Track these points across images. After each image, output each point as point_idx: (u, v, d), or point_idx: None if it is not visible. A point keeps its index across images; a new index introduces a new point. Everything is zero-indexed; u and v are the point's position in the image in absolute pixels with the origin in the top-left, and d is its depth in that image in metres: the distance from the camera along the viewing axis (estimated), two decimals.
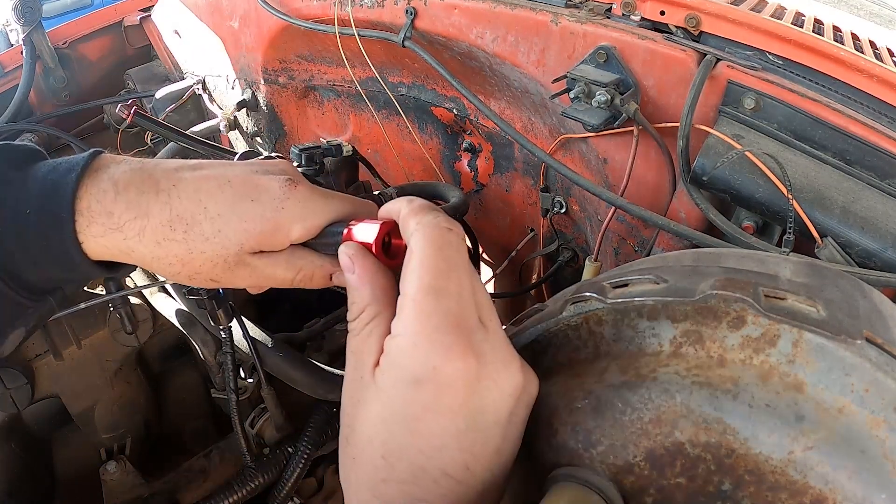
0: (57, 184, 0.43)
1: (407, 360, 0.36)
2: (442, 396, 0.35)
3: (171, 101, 1.50)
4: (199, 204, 0.44)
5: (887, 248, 0.62)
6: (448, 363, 0.34)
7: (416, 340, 0.35)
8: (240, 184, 0.45)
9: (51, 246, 0.43)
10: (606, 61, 0.79)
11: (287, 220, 0.45)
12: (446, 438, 0.35)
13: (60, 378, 1.02)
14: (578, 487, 0.37)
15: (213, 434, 1.22)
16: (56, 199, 0.43)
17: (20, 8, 1.35)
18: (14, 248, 0.43)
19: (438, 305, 0.36)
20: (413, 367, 0.35)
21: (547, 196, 1.08)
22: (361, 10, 1.06)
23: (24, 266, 0.44)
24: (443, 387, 0.35)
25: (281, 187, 0.45)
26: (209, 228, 0.44)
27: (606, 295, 0.40)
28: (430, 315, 0.35)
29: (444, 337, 0.35)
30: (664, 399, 0.36)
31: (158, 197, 0.44)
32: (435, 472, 0.35)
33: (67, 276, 0.46)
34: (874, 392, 0.33)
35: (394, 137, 1.30)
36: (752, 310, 0.35)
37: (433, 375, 0.35)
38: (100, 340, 1.04)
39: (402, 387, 0.36)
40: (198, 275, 0.47)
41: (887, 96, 0.68)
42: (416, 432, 0.35)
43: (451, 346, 0.35)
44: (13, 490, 1.00)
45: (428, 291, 0.36)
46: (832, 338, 0.34)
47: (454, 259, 0.38)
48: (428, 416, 0.35)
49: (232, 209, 0.44)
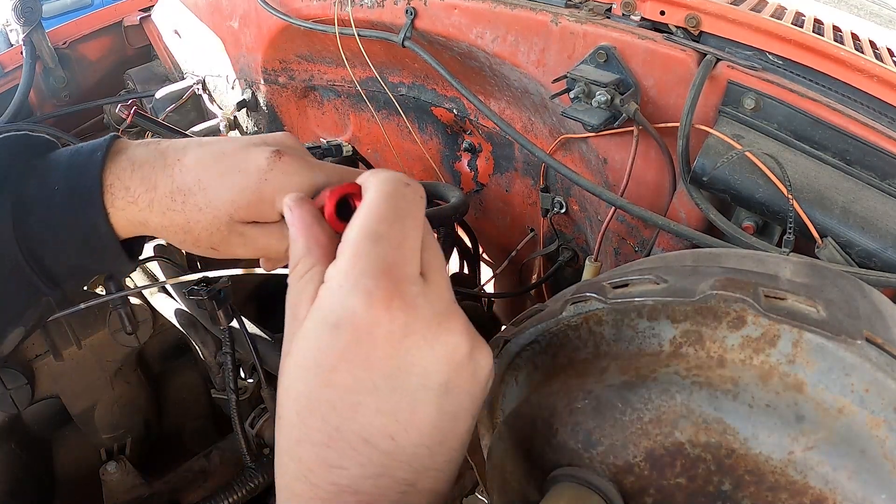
0: (83, 164, 0.46)
1: (328, 303, 0.33)
2: (358, 344, 0.32)
3: (171, 101, 1.50)
4: (195, 176, 0.46)
5: (887, 248, 0.62)
6: (368, 308, 0.32)
7: (341, 282, 0.33)
8: (231, 156, 0.47)
9: (80, 222, 0.46)
10: (606, 61, 0.79)
11: (270, 190, 0.45)
12: (361, 395, 0.32)
13: (60, 378, 1.02)
14: (578, 487, 0.37)
15: (213, 434, 1.22)
16: (85, 177, 0.46)
17: (20, 8, 1.35)
18: (42, 229, 0.46)
19: (373, 249, 0.33)
20: (333, 309, 0.33)
21: (547, 196, 1.08)
22: (361, 10, 1.06)
23: (49, 248, 0.46)
24: (360, 333, 0.32)
25: (267, 159, 0.46)
26: (202, 199, 0.46)
27: (606, 295, 0.40)
28: (361, 257, 0.33)
29: (369, 280, 0.32)
30: (664, 399, 0.36)
31: (164, 171, 0.46)
32: (351, 437, 0.32)
33: (89, 258, 0.48)
34: (874, 392, 0.33)
35: (394, 137, 1.30)
36: (752, 310, 0.35)
37: (351, 319, 0.32)
38: (100, 340, 1.04)
39: (319, 330, 0.33)
40: (199, 242, 0.48)
41: (887, 96, 0.68)
42: (329, 383, 0.32)
43: (374, 291, 0.32)
44: (13, 490, 1.00)
45: (366, 235, 0.34)
46: (832, 338, 0.34)
47: (403, 209, 0.36)
48: (342, 364, 0.32)
49: (221, 181, 0.46)
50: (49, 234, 0.46)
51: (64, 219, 0.46)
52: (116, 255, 0.49)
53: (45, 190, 0.46)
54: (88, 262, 0.49)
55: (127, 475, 0.99)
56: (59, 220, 0.46)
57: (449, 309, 0.34)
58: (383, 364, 0.32)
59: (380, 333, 0.32)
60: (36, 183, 0.46)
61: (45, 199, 0.46)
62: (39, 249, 0.46)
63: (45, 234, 0.46)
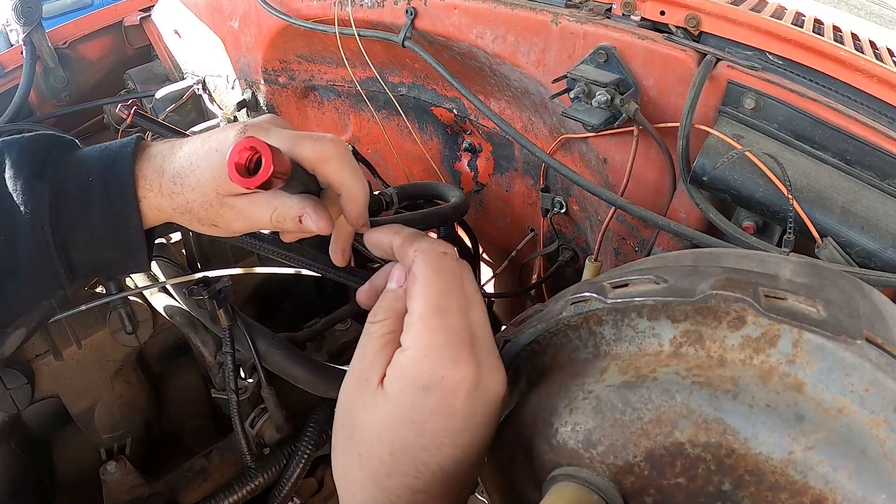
0: (115, 156, 0.52)
1: (417, 370, 0.40)
2: (447, 401, 0.40)
3: (171, 101, 1.50)
4: (187, 159, 0.52)
5: (887, 248, 0.62)
6: (454, 373, 0.40)
7: (425, 353, 0.40)
8: (213, 138, 0.52)
9: (113, 211, 0.51)
10: (606, 61, 0.79)
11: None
12: (446, 437, 0.40)
13: (60, 378, 1.02)
14: (578, 487, 0.37)
15: (213, 434, 1.21)
16: (117, 168, 0.51)
17: (20, 8, 1.35)
18: (78, 215, 0.51)
19: (443, 322, 0.41)
20: (423, 376, 0.40)
21: (547, 196, 1.08)
22: (361, 11, 1.06)
23: (80, 238, 0.51)
24: (448, 393, 0.40)
25: (235, 135, 0.50)
26: (193, 179, 0.51)
27: (606, 295, 0.40)
28: (436, 331, 0.41)
29: (450, 351, 0.40)
30: (664, 399, 0.36)
31: (169, 159, 0.52)
32: (434, 467, 0.41)
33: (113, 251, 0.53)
34: (874, 392, 0.33)
35: (394, 137, 1.30)
36: (753, 310, 0.35)
37: (441, 383, 0.40)
38: (100, 340, 1.03)
39: (411, 392, 0.40)
40: (201, 220, 0.53)
41: (887, 96, 0.68)
42: (422, 432, 0.40)
43: (457, 359, 0.40)
44: (13, 490, 1.00)
45: (434, 310, 0.41)
46: (832, 338, 0.34)
47: (452, 281, 0.43)
48: (433, 418, 0.40)
49: (205, 160, 0.51)
50: (82, 222, 0.51)
51: (98, 209, 0.51)
52: (140, 247, 0.53)
53: (80, 181, 0.51)
54: (112, 256, 0.53)
55: (127, 475, 0.99)
56: (93, 210, 0.51)
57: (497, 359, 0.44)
58: (463, 412, 0.41)
59: (461, 391, 0.40)
60: (73, 174, 0.51)
61: (81, 190, 0.51)
62: (70, 237, 0.51)
63: (78, 223, 0.51)
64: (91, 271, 0.55)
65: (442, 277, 0.43)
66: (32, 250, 0.50)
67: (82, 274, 0.54)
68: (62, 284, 0.52)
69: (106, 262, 0.54)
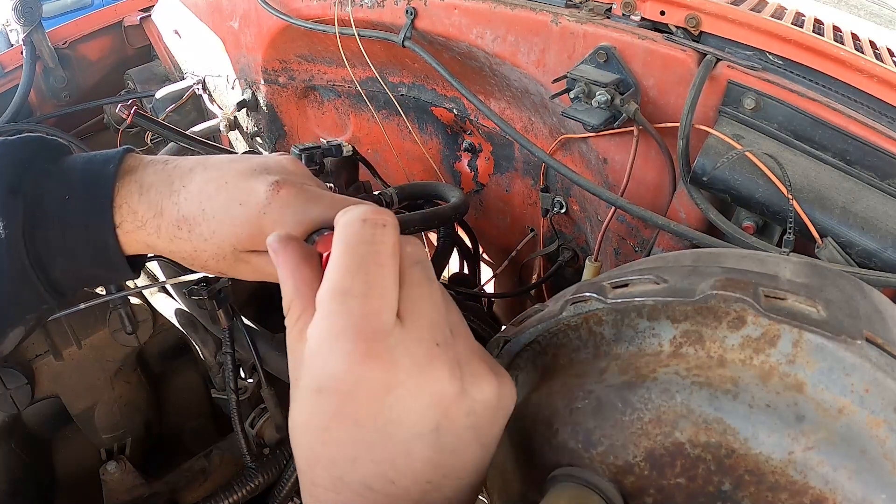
0: (97, 175, 0.47)
1: (311, 367, 0.34)
2: (344, 406, 0.32)
3: (171, 101, 1.50)
4: (199, 206, 0.47)
5: (887, 248, 0.62)
6: (345, 372, 0.32)
7: (318, 347, 0.33)
8: (234, 186, 0.47)
9: (90, 232, 0.47)
10: (606, 61, 0.79)
11: (269, 224, 0.46)
12: (357, 450, 0.33)
13: (60, 378, 1.02)
14: (578, 487, 0.37)
15: (213, 434, 1.22)
16: (97, 188, 0.47)
17: (20, 8, 1.35)
18: (55, 234, 0.46)
19: (342, 308, 0.33)
20: (316, 375, 0.33)
21: (547, 196, 1.08)
22: (361, 11, 1.06)
23: (57, 257, 0.47)
24: (344, 396, 0.32)
25: (265, 191, 0.46)
26: (206, 229, 0.47)
27: (606, 295, 0.40)
28: (332, 318, 0.33)
29: (343, 343, 0.32)
30: (664, 399, 0.36)
31: (170, 197, 0.47)
32: (355, 485, 0.33)
33: (96, 269, 0.49)
34: (874, 392, 0.33)
35: (394, 137, 1.30)
36: (753, 310, 0.35)
37: (333, 384, 0.32)
38: (100, 340, 1.04)
39: (307, 394, 0.34)
40: (207, 268, 0.49)
41: (887, 96, 0.68)
42: (325, 442, 0.33)
43: (350, 353, 0.32)
44: (14, 490, 1.00)
45: (333, 293, 0.34)
46: (832, 338, 0.34)
47: (366, 255, 0.35)
48: (333, 426, 0.33)
49: (224, 212, 0.46)
50: (58, 242, 0.47)
51: (74, 230, 0.47)
52: (122, 270, 0.49)
53: (58, 198, 0.46)
54: (95, 273, 0.50)
55: (127, 475, 0.99)
56: (69, 231, 0.47)
57: (429, 353, 0.34)
58: (371, 421, 0.32)
59: (362, 393, 0.32)
60: (50, 189, 0.47)
61: (58, 209, 0.46)
62: (47, 257, 0.47)
63: (54, 243, 0.47)
64: (75, 287, 0.51)
65: (350, 252, 0.35)
66: (10, 268, 0.46)
67: (67, 289, 0.50)
68: (45, 301, 0.48)
69: (89, 278, 0.51)
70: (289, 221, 0.45)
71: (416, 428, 0.33)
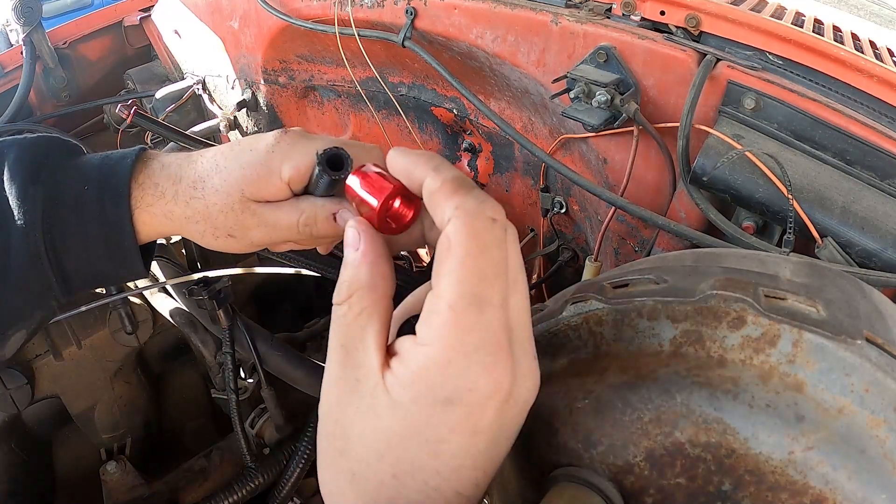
0: (114, 166, 0.50)
1: (439, 378, 0.31)
2: (472, 417, 0.32)
3: (171, 101, 1.50)
4: (213, 163, 0.50)
5: (887, 248, 0.62)
6: (486, 384, 0.31)
7: (452, 357, 0.31)
8: (245, 141, 0.51)
9: (106, 221, 0.49)
10: (606, 61, 0.79)
11: (276, 161, 0.49)
12: (466, 459, 0.32)
13: (60, 378, 1.02)
14: (578, 487, 0.37)
15: (213, 434, 1.22)
16: (114, 177, 0.50)
17: (20, 8, 1.35)
18: (70, 224, 0.49)
19: (480, 319, 0.31)
20: (446, 386, 0.31)
21: (547, 196, 1.08)
22: (361, 11, 1.06)
23: (72, 248, 0.49)
24: (475, 407, 0.31)
25: (274, 136, 0.50)
26: (218, 180, 0.50)
27: (606, 295, 0.40)
28: (470, 330, 0.31)
29: (484, 357, 0.31)
30: (664, 399, 0.36)
31: (189, 165, 0.51)
32: (449, 493, 0.33)
33: (107, 262, 0.51)
34: (874, 392, 0.33)
35: (394, 137, 1.30)
36: (752, 310, 0.35)
37: (467, 397, 0.31)
38: (100, 340, 1.04)
39: (428, 405, 0.32)
40: (217, 228, 0.51)
41: (887, 96, 0.68)
42: (437, 454, 0.32)
43: (492, 366, 0.31)
44: (13, 490, 1.00)
45: (470, 301, 0.31)
46: (832, 338, 0.34)
47: (498, 261, 0.32)
48: (454, 437, 0.32)
49: (235, 160, 0.50)
50: (75, 230, 0.49)
51: (91, 217, 0.49)
52: (134, 258, 0.51)
53: (76, 188, 0.49)
54: (106, 267, 0.51)
55: (127, 475, 0.99)
56: (86, 218, 0.49)
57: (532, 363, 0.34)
58: (489, 430, 0.32)
59: (491, 406, 0.32)
60: (69, 181, 0.49)
61: (76, 197, 0.49)
62: (62, 248, 0.49)
63: (71, 231, 0.49)
64: (85, 283, 0.52)
65: (486, 256, 0.32)
66: (24, 257, 0.48)
67: (77, 285, 0.51)
68: (54, 295, 0.50)
69: (100, 273, 0.52)
70: (295, 156, 0.48)
71: (512, 430, 0.34)
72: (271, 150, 0.49)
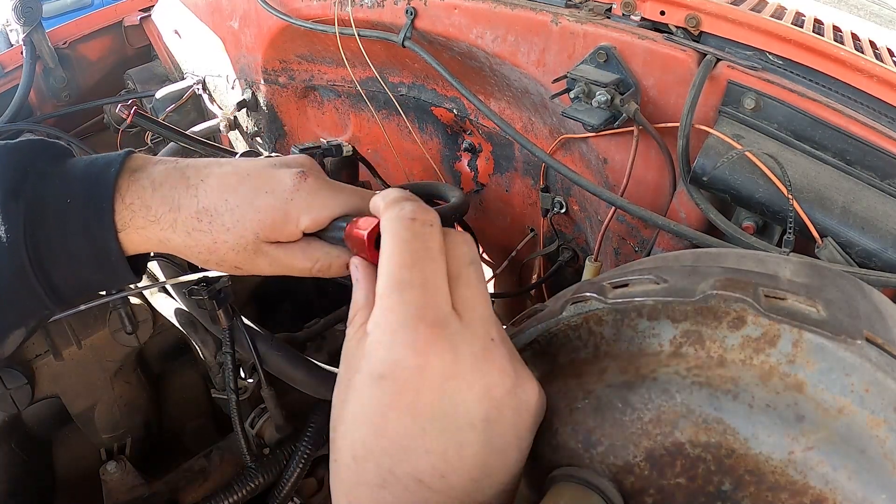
0: (97, 178, 0.47)
1: (374, 357, 0.35)
2: (403, 393, 0.34)
3: (171, 101, 1.50)
4: (221, 197, 0.47)
5: (887, 248, 0.62)
6: (409, 359, 0.34)
7: (380, 336, 0.35)
8: (257, 177, 0.48)
9: (91, 238, 0.47)
10: (606, 61, 0.79)
11: (296, 210, 0.47)
12: (411, 440, 0.34)
13: (60, 378, 1.02)
14: (578, 487, 0.37)
15: (213, 434, 1.22)
16: (98, 191, 0.47)
17: (20, 8, 1.35)
18: (56, 237, 0.46)
19: (401, 298, 0.35)
20: (377, 363, 0.35)
21: (547, 196, 1.08)
22: (361, 11, 1.06)
23: (58, 261, 0.47)
24: (403, 383, 0.34)
25: (292, 179, 0.48)
26: (229, 219, 0.47)
27: (606, 295, 0.40)
28: (393, 309, 0.35)
29: (405, 331, 0.34)
30: (664, 399, 0.36)
31: (188, 191, 0.48)
32: (405, 478, 0.34)
33: (96, 274, 0.49)
34: (874, 392, 0.33)
35: (394, 137, 1.30)
36: (753, 310, 0.35)
37: (393, 371, 0.34)
38: (100, 340, 1.04)
39: (368, 383, 0.35)
40: (223, 262, 0.49)
41: (887, 96, 0.68)
42: (380, 432, 0.34)
43: (413, 341, 0.34)
44: (13, 490, 1.00)
45: (392, 286, 0.35)
46: (832, 338, 0.34)
47: (421, 250, 0.37)
48: (391, 414, 0.34)
49: (249, 201, 0.47)
50: (60, 246, 0.47)
51: (75, 233, 0.47)
52: (124, 273, 0.49)
53: (59, 201, 0.46)
54: (95, 278, 0.50)
55: (127, 475, 0.99)
56: (70, 234, 0.47)
57: (486, 346, 0.36)
58: (429, 409, 0.34)
59: (423, 381, 0.34)
60: (51, 192, 0.47)
61: (59, 212, 0.46)
62: (48, 261, 0.47)
63: (55, 246, 0.47)
64: (76, 293, 0.50)
65: (405, 247, 0.37)
66: (10, 273, 0.46)
67: (68, 295, 0.49)
68: (45, 306, 0.48)
69: (90, 283, 0.50)
70: (316, 208, 0.48)
71: (469, 418, 0.34)
72: (290, 199, 0.47)
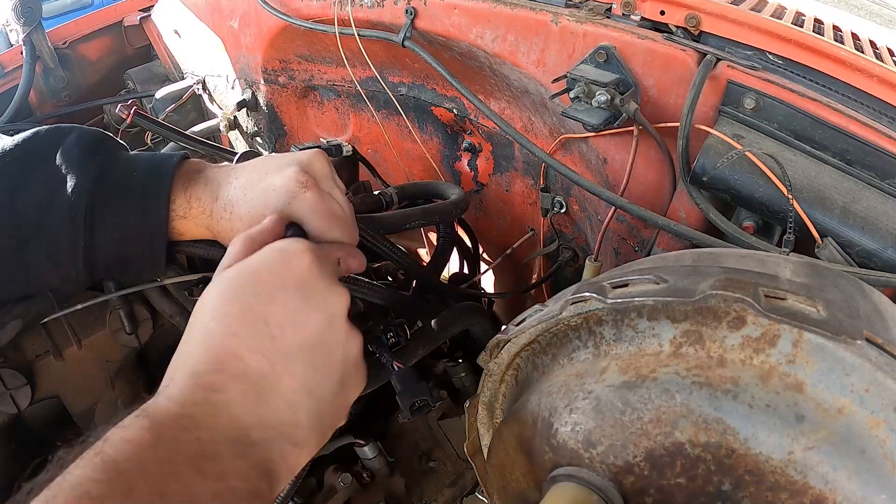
0: (161, 162, 0.56)
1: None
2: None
3: (171, 101, 1.50)
4: (243, 192, 0.56)
5: (887, 248, 0.62)
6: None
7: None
8: (272, 176, 0.55)
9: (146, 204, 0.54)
10: (606, 61, 0.79)
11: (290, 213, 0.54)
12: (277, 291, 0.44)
13: (61, 378, 1.02)
14: (578, 487, 0.37)
15: None
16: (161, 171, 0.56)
17: (20, 8, 1.35)
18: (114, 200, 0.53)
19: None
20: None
21: (547, 196, 1.08)
22: (361, 10, 1.06)
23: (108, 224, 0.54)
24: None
25: (296, 186, 0.54)
26: (244, 210, 0.55)
27: (606, 295, 0.40)
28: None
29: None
30: (664, 399, 0.36)
31: (225, 188, 0.56)
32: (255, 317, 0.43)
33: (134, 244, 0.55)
34: (874, 392, 0.33)
35: (394, 137, 1.30)
36: (753, 310, 0.35)
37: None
38: (100, 340, 1.04)
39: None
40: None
41: (887, 96, 0.68)
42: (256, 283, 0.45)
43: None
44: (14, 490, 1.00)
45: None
46: (832, 338, 0.34)
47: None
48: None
49: (260, 197, 0.55)
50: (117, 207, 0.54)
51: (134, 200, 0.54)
52: (160, 244, 0.56)
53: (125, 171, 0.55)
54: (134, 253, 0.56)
55: None
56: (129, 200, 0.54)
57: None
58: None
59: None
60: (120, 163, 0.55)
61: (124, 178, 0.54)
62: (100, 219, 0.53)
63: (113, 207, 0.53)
64: (108, 265, 0.56)
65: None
66: (64, 216, 0.51)
67: (99, 263, 0.55)
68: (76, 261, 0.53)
69: (125, 260, 0.56)
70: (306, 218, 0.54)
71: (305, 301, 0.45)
72: (288, 202, 0.54)
